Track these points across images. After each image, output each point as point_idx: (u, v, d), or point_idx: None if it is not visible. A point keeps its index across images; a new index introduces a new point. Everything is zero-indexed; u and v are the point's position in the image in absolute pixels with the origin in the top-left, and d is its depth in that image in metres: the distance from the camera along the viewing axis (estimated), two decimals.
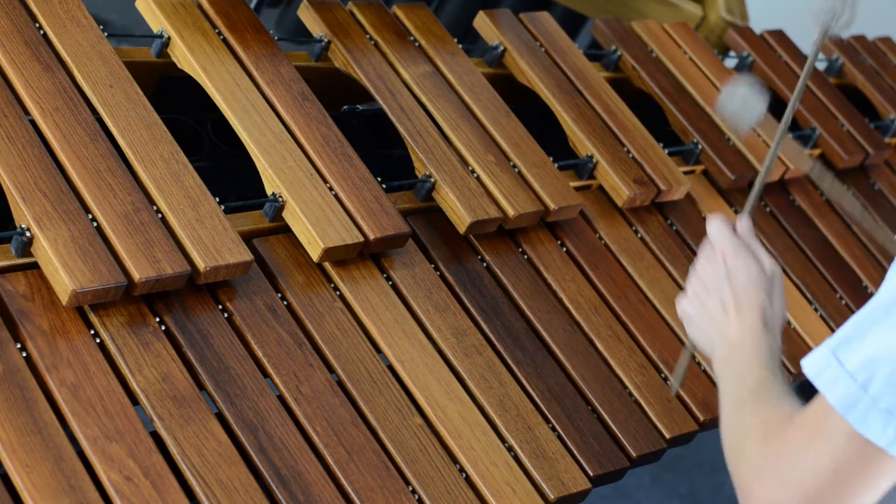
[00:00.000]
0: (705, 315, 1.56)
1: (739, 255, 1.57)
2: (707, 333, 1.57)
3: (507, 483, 1.60)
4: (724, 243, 1.58)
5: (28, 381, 1.39)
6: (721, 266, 1.56)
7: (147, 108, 1.66)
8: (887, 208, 2.50)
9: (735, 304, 1.54)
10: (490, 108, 2.01)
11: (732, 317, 1.53)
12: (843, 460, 1.27)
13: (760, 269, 1.56)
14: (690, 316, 1.59)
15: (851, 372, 1.26)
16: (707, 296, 1.56)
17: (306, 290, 1.66)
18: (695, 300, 1.58)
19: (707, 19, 2.95)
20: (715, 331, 1.55)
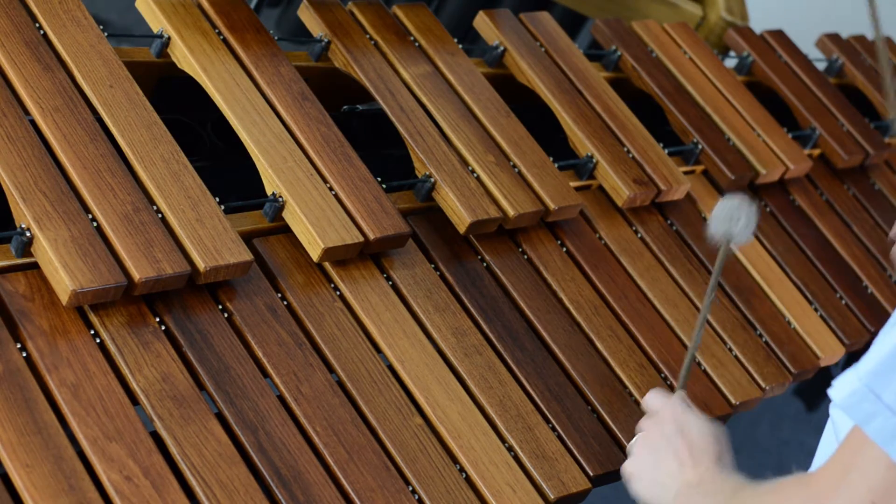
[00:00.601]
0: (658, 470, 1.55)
1: (689, 413, 1.59)
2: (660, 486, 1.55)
3: (507, 483, 1.60)
4: (668, 405, 1.60)
5: (28, 381, 1.39)
6: (670, 423, 1.57)
7: (147, 108, 1.66)
8: (887, 208, 2.50)
9: (691, 455, 1.54)
10: (490, 108, 2.01)
11: (688, 466, 1.53)
12: (881, 491, 1.28)
13: (710, 424, 1.58)
14: (640, 472, 1.57)
15: (889, 405, 1.28)
16: (658, 452, 1.56)
17: (306, 290, 1.66)
18: (645, 458, 1.57)
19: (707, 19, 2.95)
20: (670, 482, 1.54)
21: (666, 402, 1.60)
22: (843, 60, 2.76)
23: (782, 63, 2.60)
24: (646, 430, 1.60)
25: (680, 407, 1.59)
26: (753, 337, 2.01)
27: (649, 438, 1.58)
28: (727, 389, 1.90)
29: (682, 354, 1.91)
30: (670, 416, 1.58)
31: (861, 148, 2.50)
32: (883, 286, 2.30)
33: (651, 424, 1.60)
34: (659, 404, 1.61)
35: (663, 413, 1.59)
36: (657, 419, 1.59)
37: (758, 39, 2.63)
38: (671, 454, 1.55)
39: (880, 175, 2.56)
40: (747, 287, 2.09)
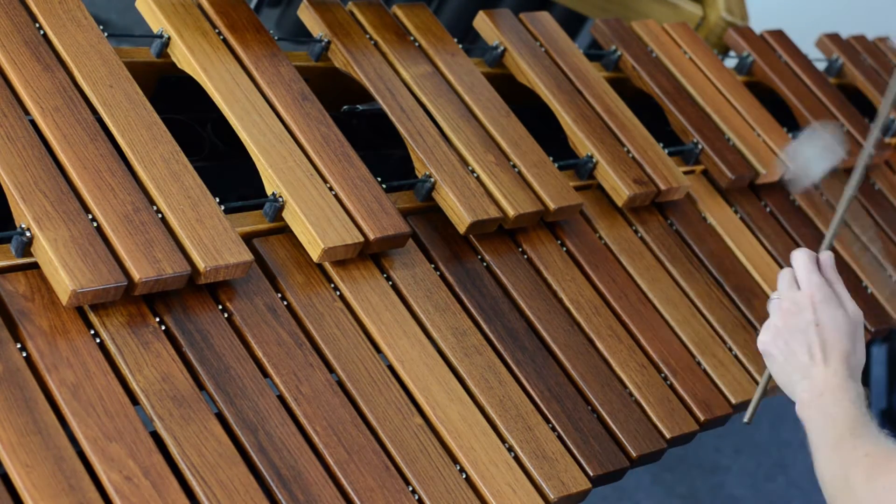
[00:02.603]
0: (790, 357, 1.61)
1: (828, 303, 1.61)
2: (788, 374, 1.61)
3: (507, 483, 1.60)
4: (812, 287, 1.62)
5: (28, 381, 1.39)
6: (810, 312, 1.60)
7: (147, 108, 1.66)
8: (887, 208, 2.50)
9: (822, 352, 1.58)
10: (490, 108, 2.01)
11: (819, 364, 1.57)
12: None
13: (846, 317, 1.60)
14: (772, 355, 1.63)
15: None
16: (793, 339, 1.60)
17: (306, 290, 1.66)
18: (779, 341, 1.62)
19: (707, 19, 2.95)
20: (799, 374, 1.60)
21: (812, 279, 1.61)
22: (843, 60, 2.76)
23: (782, 63, 2.60)
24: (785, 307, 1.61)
25: (822, 293, 1.60)
26: (754, 337, 2.01)
27: (786, 321, 1.61)
28: (727, 389, 1.90)
29: (683, 354, 1.91)
30: (810, 303, 1.60)
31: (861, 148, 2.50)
32: (883, 286, 2.30)
33: (788, 308, 1.61)
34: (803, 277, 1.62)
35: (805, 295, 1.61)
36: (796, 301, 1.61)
37: (758, 39, 2.63)
38: (804, 347, 1.58)
39: (880, 175, 2.56)
40: (747, 287, 2.09)
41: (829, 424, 1.51)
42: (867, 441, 1.45)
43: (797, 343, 1.60)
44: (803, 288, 1.63)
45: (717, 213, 2.20)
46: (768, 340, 1.64)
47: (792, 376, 1.61)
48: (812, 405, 1.56)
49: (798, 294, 1.63)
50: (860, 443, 1.45)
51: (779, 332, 1.62)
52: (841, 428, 1.49)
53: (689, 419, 1.84)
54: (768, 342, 1.64)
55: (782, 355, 1.62)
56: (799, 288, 1.64)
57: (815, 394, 1.56)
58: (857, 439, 1.45)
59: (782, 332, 1.62)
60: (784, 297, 1.64)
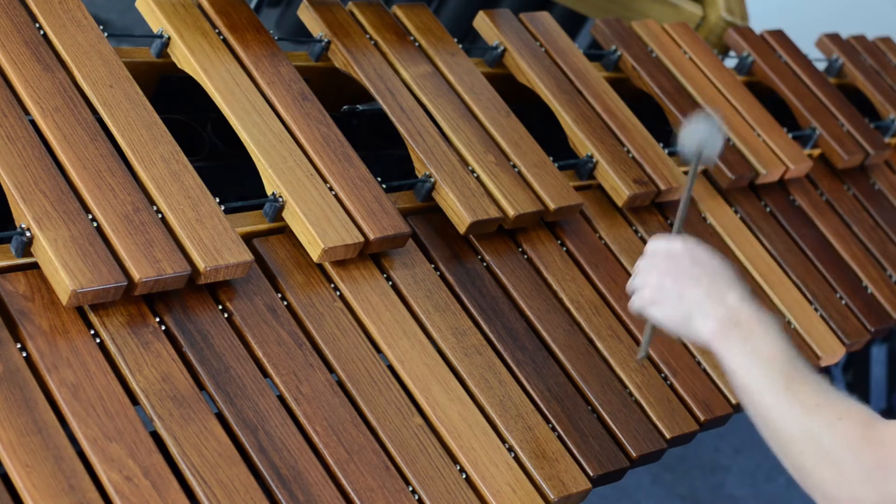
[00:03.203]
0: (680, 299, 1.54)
1: (698, 246, 1.57)
2: (682, 317, 1.54)
3: (507, 483, 1.60)
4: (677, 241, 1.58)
5: (28, 381, 1.39)
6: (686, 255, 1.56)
7: (147, 108, 1.66)
8: (887, 208, 2.50)
9: (716, 286, 1.53)
10: (490, 108, 2.01)
11: (715, 294, 1.52)
12: None
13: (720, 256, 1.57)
14: (658, 304, 1.56)
15: None
16: (678, 281, 1.55)
17: (306, 290, 1.66)
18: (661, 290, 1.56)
19: (707, 19, 2.95)
20: (696, 310, 1.53)
21: (672, 238, 1.58)
22: (843, 60, 2.76)
23: (782, 63, 2.60)
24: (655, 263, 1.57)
25: (688, 241, 1.57)
26: None
27: (664, 268, 1.56)
28: (727, 389, 1.90)
29: (683, 354, 1.91)
30: (680, 250, 1.56)
31: (861, 148, 2.50)
32: (883, 286, 2.30)
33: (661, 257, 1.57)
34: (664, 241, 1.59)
35: (671, 247, 1.57)
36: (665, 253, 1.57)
37: (758, 39, 2.63)
38: (693, 282, 1.53)
39: (880, 175, 2.56)
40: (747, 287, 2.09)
41: (764, 364, 1.46)
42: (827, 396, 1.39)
43: (684, 282, 1.54)
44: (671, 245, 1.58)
45: (717, 213, 2.20)
46: (648, 295, 1.57)
47: (688, 318, 1.53)
48: (730, 335, 1.49)
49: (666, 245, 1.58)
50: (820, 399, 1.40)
51: (659, 282, 1.56)
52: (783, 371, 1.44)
53: (689, 419, 1.84)
54: (649, 295, 1.57)
55: (671, 300, 1.54)
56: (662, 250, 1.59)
57: (728, 323, 1.50)
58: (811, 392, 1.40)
59: (664, 280, 1.55)
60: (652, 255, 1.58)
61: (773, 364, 1.45)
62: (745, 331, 1.49)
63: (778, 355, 1.46)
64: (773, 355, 1.46)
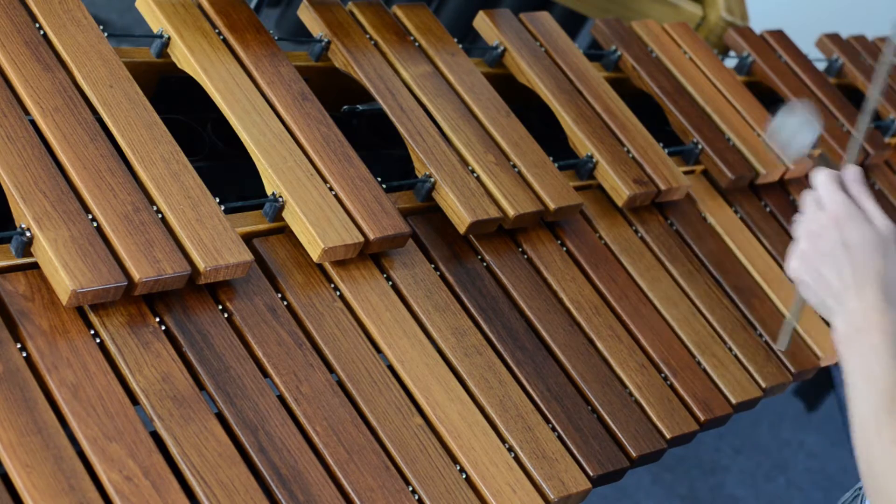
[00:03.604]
0: (821, 283, 1.51)
1: (854, 221, 1.51)
2: (823, 300, 1.52)
3: (507, 483, 1.60)
4: (836, 206, 1.52)
5: (28, 381, 1.39)
6: (835, 234, 1.51)
7: (147, 108, 1.66)
8: (887, 208, 2.50)
9: (854, 278, 1.48)
10: (490, 108, 2.01)
11: (852, 292, 1.47)
12: None
13: (875, 233, 1.50)
14: (804, 281, 1.54)
15: None
16: (822, 263, 1.51)
17: (306, 290, 1.66)
18: (807, 266, 1.53)
19: (707, 19, 2.95)
20: (833, 300, 1.50)
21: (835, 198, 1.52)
22: (843, 60, 2.76)
23: (782, 63, 2.60)
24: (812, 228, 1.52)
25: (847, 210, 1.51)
26: (753, 337, 2.01)
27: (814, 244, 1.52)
28: (727, 389, 1.90)
29: (683, 354, 1.91)
30: (835, 222, 1.51)
31: (861, 148, 2.50)
32: None
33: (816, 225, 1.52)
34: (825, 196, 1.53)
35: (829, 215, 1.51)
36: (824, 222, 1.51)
37: (758, 39, 2.63)
38: (834, 271, 1.49)
39: (880, 175, 2.56)
40: (747, 287, 2.09)
41: (870, 384, 1.41)
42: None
43: (827, 267, 1.50)
44: (827, 207, 1.52)
45: (717, 213, 2.20)
46: (798, 266, 1.54)
47: (826, 302, 1.51)
48: (851, 342, 1.45)
49: (822, 214, 1.53)
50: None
51: (806, 256, 1.53)
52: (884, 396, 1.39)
53: (689, 419, 1.84)
54: (798, 268, 1.54)
55: (813, 282, 1.52)
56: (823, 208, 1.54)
57: (852, 328, 1.46)
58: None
59: (810, 257, 1.52)
60: (808, 220, 1.54)
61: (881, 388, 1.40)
62: (864, 341, 1.45)
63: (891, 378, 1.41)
64: (884, 376, 1.41)
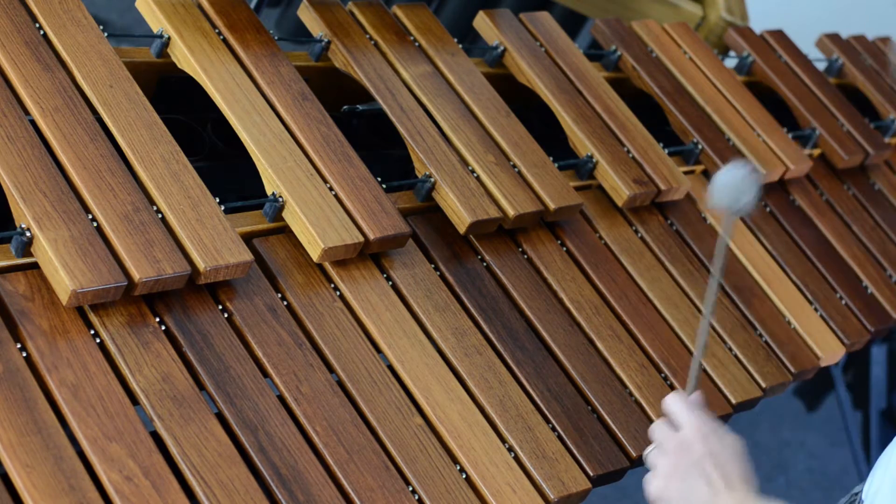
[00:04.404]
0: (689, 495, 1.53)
1: (715, 432, 1.55)
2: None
3: (507, 483, 1.60)
4: (696, 421, 1.56)
5: (28, 381, 1.39)
6: (700, 444, 1.54)
7: (147, 108, 1.66)
8: (887, 208, 2.50)
9: (723, 479, 1.52)
10: (490, 108, 2.01)
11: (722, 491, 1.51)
12: None
13: (733, 442, 1.55)
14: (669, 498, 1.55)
15: None
16: (688, 475, 1.53)
17: (306, 290, 1.66)
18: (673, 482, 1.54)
19: (707, 19, 2.95)
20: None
21: (688, 418, 1.56)
22: (843, 60, 2.76)
23: (782, 63, 2.60)
24: (671, 454, 1.56)
25: (704, 423, 1.56)
26: (753, 337, 2.01)
27: (676, 464, 1.55)
28: (727, 389, 1.90)
29: (683, 354, 1.91)
30: (698, 437, 1.55)
31: (861, 148, 2.50)
32: (883, 286, 2.30)
33: (675, 448, 1.56)
34: (681, 418, 1.57)
35: (689, 432, 1.55)
36: (682, 441, 1.55)
37: (758, 39, 2.63)
38: (702, 480, 1.52)
39: (880, 175, 2.56)
40: (747, 287, 2.09)
41: None
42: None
43: (694, 478, 1.52)
44: (688, 424, 1.56)
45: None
46: (662, 486, 1.55)
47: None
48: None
49: (682, 432, 1.56)
50: None
51: (670, 474, 1.54)
52: None
53: None
54: (662, 487, 1.55)
55: (680, 495, 1.53)
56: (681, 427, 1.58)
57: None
58: None
59: (674, 474, 1.54)
60: (667, 441, 1.57)
61: None
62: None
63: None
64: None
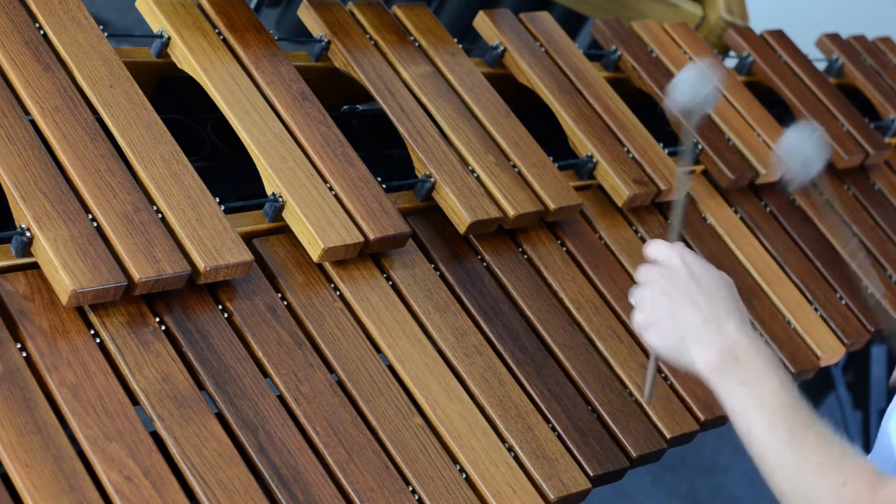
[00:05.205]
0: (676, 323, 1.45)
1: (700, 261, 1.49)
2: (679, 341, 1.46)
3: (507, 483, 1.60)
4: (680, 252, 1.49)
5: (28, 381, 1.39)
6: (684, 270, 1.47)
7: (147, 108, 1.66)
8: (887, 208, 2.50)
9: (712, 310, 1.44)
10: (490, 108, 2.01)
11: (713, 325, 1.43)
12: None
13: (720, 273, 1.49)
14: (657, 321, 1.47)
15: None
16: (674, 301, 1.46)
17: (306, 290, 1.66)
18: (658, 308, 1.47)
19: (707, 19, 2.95)
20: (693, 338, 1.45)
21: (671, 249, 1.49)
22: (843, 60, 2.76)
23: (782, 63, 2.60)
24: (652, 279, 1.48)
25: (688, 253, 1.48)
26: None
27: (660, 286, 1.46)
28: None
29: None
30: (680, 262, 1.47)
31: (861, 148, 2.50)
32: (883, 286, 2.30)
33: (658, 272, 1.48)
34: (663, 252, 1.49)
35: (671, 260, 1.48)
36: (664, 266, 1.48)
37: (758, 39, 2.63)
38: (690, 305, 1.44)
39: (880, 175, 2.56)
40: (747, 287, 2.09)
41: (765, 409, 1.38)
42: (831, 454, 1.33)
43: (681, 305, 1.44)
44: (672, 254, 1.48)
45: (717, 213, 2.20)
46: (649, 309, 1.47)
47: (684, 342, 1.44)
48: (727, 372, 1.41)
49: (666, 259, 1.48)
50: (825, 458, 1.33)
51: (656, 299, 1.46)
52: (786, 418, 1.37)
53: (690, 419, 1.84)
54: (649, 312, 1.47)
55: (668, 323, 1.45)
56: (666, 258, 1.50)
57: (727, 357, 1.41)
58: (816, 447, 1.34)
59: (660, 299, 1.45)
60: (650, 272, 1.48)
61: (775, 409, 1.38)
62: (744, 368, 1.41)
63: (780, 398, 1.38)
64: (774, 398, 1.39)
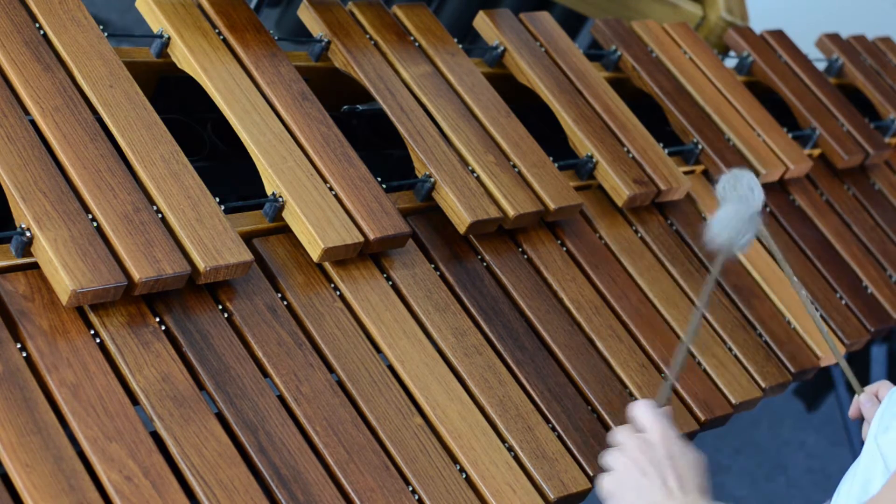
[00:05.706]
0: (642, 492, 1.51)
1: (678, 441, 1.55)
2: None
3: (507, 483, 1.60)
4: (657, 426, 1.55)
5: (28, 381, 1.39)
6: (662, 447, 1.53)
7: (147, 108, 1.66)
8: (887, 208, 2.50)
9: (678, 482, 1.51)
10: (490, 108, 2.01)
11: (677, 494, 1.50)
12: None
13: (695, 454, 1.54)
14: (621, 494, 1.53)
15: None
16: (645, 474, 1.52)
17: (306, 290, 1.66)
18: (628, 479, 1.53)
19: (707, 19, 2.96)
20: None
21: (655, 422, 1.56)
22: (843, 60, 2.77)
23: (782, 63, 2.60)
24: (632, 451, 1.54)
25: (670, 430, 1.55)
26: (753, 337, 2.01)
27: (634, 457, 1.53)
28: (727, 389, 1.90)
29: None
30: (660, 440, 1.54)
31: (861, 148, 2.50)
32: (883, 286, 2.30)
33: (638, 445, 1.54)
34: (648, 422, 1.56)
35: (652, 435, 1.55)
36: (645, 440, 1.54)
37: (758, 39, 2.63)
38: (658, 480, 1.51)
39: (880, 175, 2.56)
40: (747, 287, 2.09)
41: None
42: None
43: (650, 477, 1.51)
44: (652, 427, 1.55)
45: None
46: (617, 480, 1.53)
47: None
48: None
49: (647, 434, 1.55)
50: None
51: (628, 469, 1.53)
52: None
53: (689, 419, 1.84)
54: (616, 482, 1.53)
55: (634, 491, 1.52)
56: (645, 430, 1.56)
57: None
58: None
59: (632, 470, 1.52)
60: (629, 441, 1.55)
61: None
62: None
63: None
64: None
